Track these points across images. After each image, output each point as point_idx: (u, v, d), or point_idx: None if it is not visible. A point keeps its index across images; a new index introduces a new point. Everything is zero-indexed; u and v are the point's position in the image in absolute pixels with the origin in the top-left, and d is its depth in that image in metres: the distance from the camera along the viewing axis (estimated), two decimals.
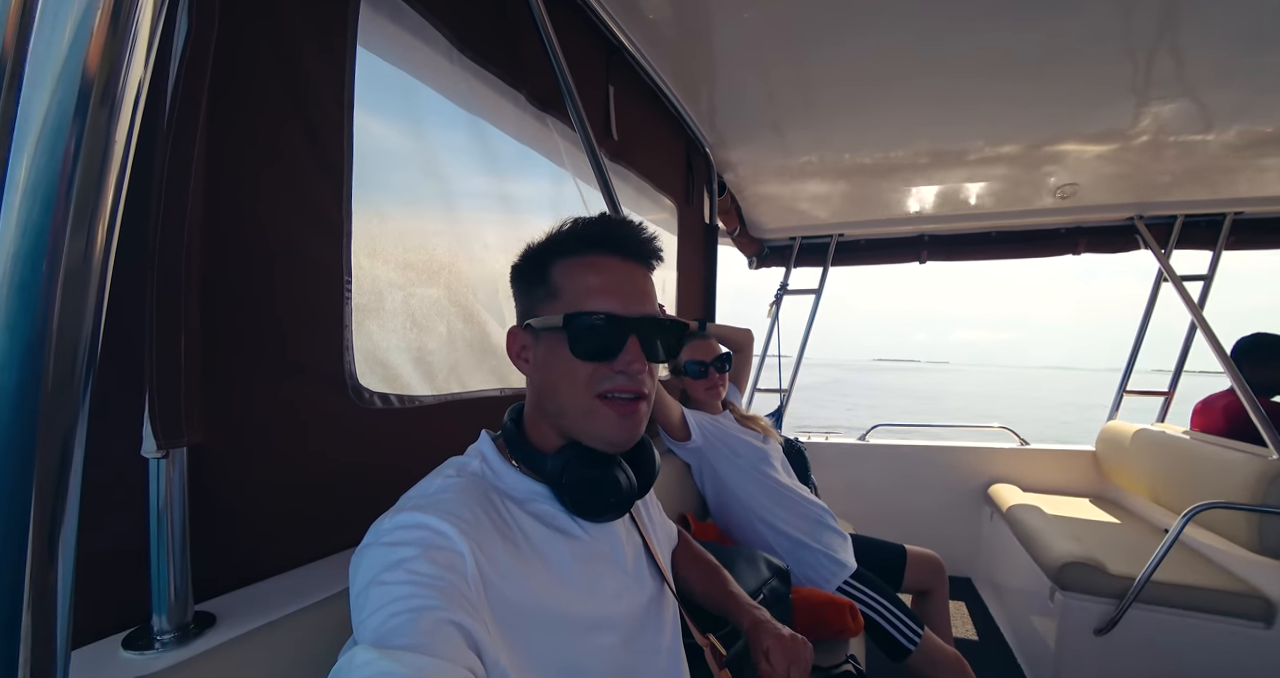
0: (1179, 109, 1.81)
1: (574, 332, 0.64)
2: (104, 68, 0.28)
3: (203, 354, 0.61)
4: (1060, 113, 1.90)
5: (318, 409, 0.77)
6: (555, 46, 1.18)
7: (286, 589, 0.68)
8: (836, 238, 3.27)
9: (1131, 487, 2.65)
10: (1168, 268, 2.64)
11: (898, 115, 1.97)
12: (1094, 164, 2.26)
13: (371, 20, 0.87)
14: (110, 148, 0.29)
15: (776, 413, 3.08)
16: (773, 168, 2.51)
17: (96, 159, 0.28)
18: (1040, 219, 2.86)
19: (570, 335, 0.64)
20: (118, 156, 0.29)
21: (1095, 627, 1.81)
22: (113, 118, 0.29)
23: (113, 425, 0.56)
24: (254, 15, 0.69)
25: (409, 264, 0.96)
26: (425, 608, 0.48)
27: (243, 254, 0.69)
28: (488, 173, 1.19)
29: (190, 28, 0.58)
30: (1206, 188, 2.43)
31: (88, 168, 0.28)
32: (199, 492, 0.61)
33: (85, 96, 0.27)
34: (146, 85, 0.31)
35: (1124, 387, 2.96)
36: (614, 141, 1.61)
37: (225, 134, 0.66)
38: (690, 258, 2.31)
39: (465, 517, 0.57)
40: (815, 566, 1.54)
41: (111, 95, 0.29)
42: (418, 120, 1.01)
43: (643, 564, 0.76)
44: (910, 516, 3.05)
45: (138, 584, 0.57)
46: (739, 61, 1.69)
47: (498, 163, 1.22)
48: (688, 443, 1.63)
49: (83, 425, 0.31)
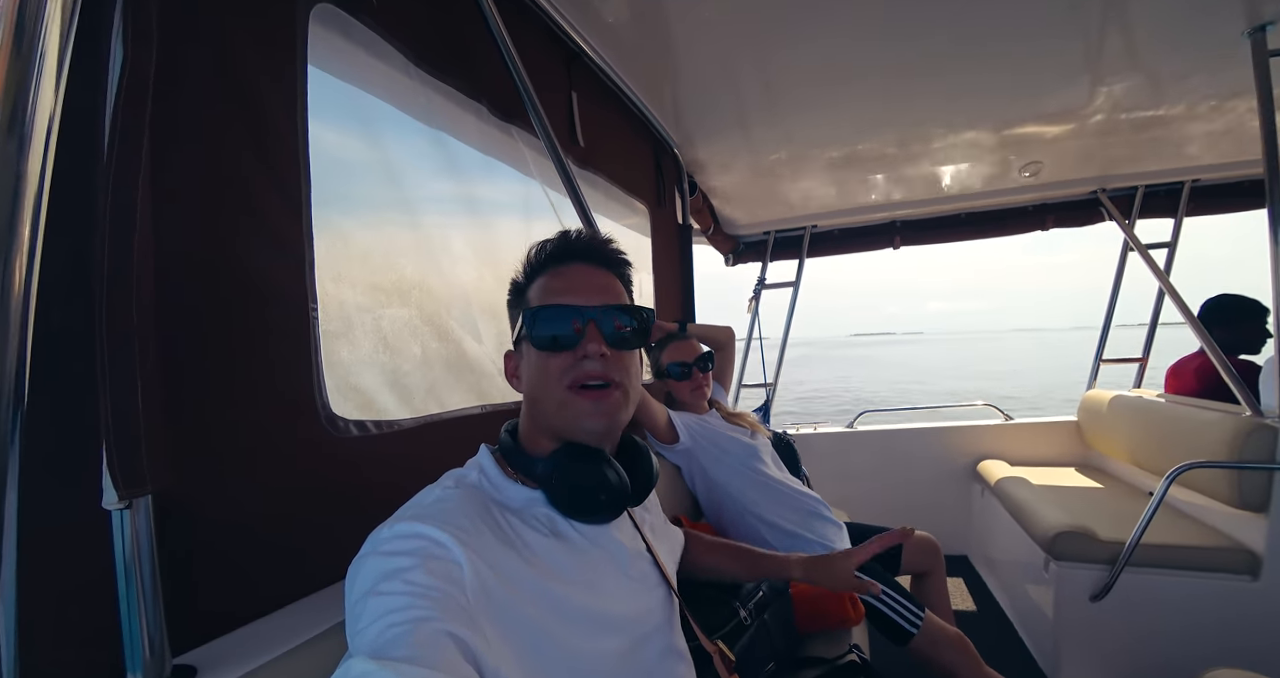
0: (1131, 85, 1.87)
1: (534, 327, 0.68)
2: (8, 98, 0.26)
3: (164, 395, 0.59)
4: (1019, 96, 1.95)
5: (291, 443, 0.75)
6: (514, 56, 1.16)
7: (270, 633, 0.65)
8: (810, 230, 3.30)
9: (1114, 453, 2.71)
10: (1132, 237, 2.71)
11: (861, 107, 1.99)
12: (1055, 142, 2.31)
13: (322, 38, 0.85)
14: (22, 181, 0.27)
15: (763, 407, 3.09)
16: (742, 165, 2.52)
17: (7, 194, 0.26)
18: (1008, 198, 2.92)
19: (531, 332, 0.69)
20: (31, 191, 0.28)
21: (1090, 593, 1.85)
22: (23, 150, 0.27)
23: (72, 478, 0.54)
24: (194, 38, 0.67)
25: (376, 286, 0.94)
26: (422, 620, 0.48)
27: (201, 289, 0.66)
28: (454, 187, 1.18)
29: (126, 55, 0.55)
30: (1164, 158, 2.50)
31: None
32: (168, 539, 0.58)
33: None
34: (58, 116, 0.29)
35: (1100, 356, 3.02)
36: (580, 148, 1.60)
37: (173, 163, 0.63)
38: (666, 259, 2.31)
39: (463, 526, 0.57)
40: None
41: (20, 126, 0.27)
42: (377, 138, 0.99)
43: (646, 569, 0.76)
44: (903, 499, 3.08)
45: (113, 642, 0.54)
46: (701, 61, 1.69)
47: (463, 176, 1.20)
48: (676, 446, 1.62)
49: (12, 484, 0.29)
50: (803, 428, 3.35)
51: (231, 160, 0.70)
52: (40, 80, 0.28)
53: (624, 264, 0.76)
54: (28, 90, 0.27)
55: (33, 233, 0.28)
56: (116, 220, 0.53)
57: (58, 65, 0.29)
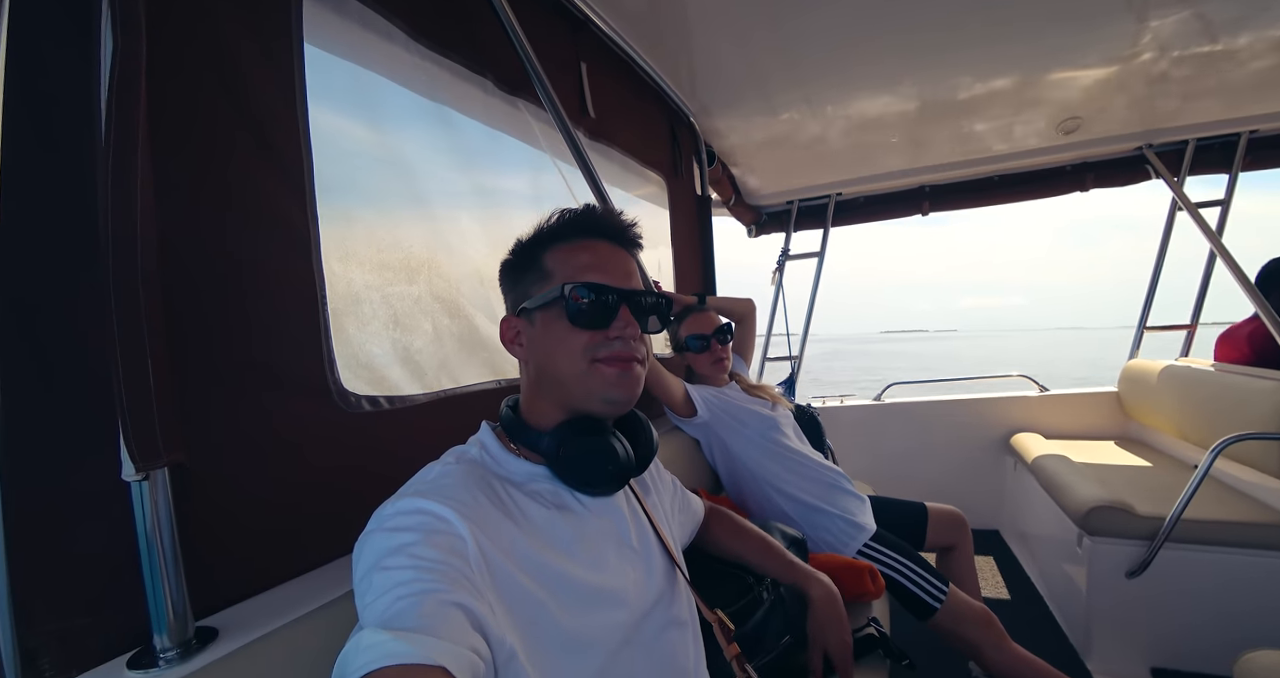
0: (1180, 22, 1.70)
1: (571, 302, 0.67)
2: None
3: (176, 372, 0.61)
4: (1053, 41, 1.81)
5: (303, 418, 0.77)
6: (516, 27, 1.14)
7: (288, 599, 0.68)
8: (835, 198, 3.20)
9: (1158, 425, 2.59)
10: (1182, 196, 2.54)
11: (881, 62, 1.89)
12: (1095, 94, 2.16)
13: (318, 15, 0.85)
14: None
15: (789, 380, 3.06)
16: (761, 132, 2.44)
17: None
18: (1044, 158, 2.76)
19: (568, 306, 0.67)
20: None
21: (1127, 570, 1.79)
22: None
23: (96, 450, 0.56)
24: (188, 20, 0.67)
25: (384, 264, 0.95)
26: (428, 591, 0.49)
27: (209, 270, 0.68)
28: (460, 163, 1.17)
29: (116, 44, 0.56)
30: (1218, 108, 2.32)
31: None
32: (187, 508, 0.61)
33: None
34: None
35: (1144, 323, 2.88)
36: (592, 120, 1.57)
37: (172, 146, 0.64)
38: (684, 231, 2.27)
39: (465, 500, 0.58)
40: (833, 530, 1.53)
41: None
42: (380, 116, 0.99)
43: (648, 540, 0.76)
44: (932, 473, 3.03)
45: (138, 606, 0.58)
46: (714, 24, 1.63)
47: (470, 152, 1.20)
48: (694, 419, 1.62)
49: None
50: (829, 401, 3.31)
51: (230, 142, 0.71)
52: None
53: (639, 248, 0.77)
54: None
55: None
56: (118, 201, 0.55)
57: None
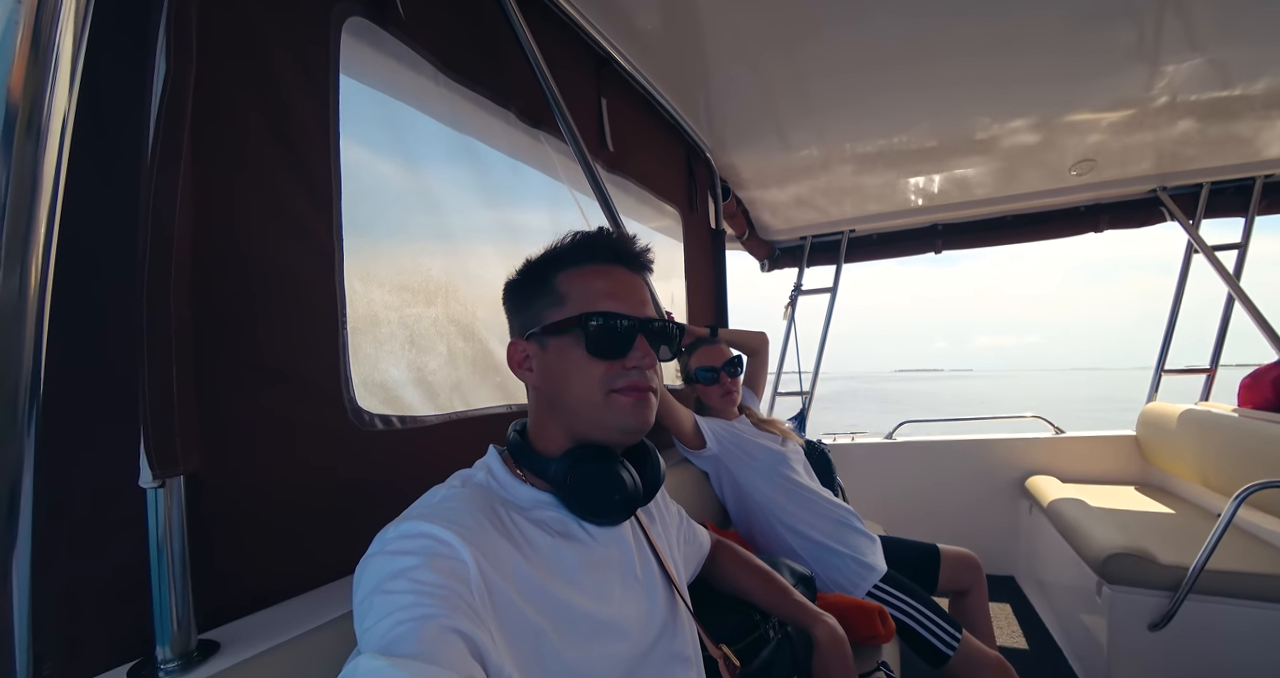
0: (1193, 70, 1.74)
1: (589, 331, 0.66)
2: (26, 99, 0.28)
3: (197, 383, 0.62)
4: (1068, 85, 1.84)
5: (317, 434, 0.78)
6: (541, 63, 1.19)
7: (291, 614, 0.68)
8: (848, 234, 3.23)
9: (1178, 471, 2.53)
10: (1197, 239, 2.54)
11: (898, 100, 1.93)
12: (1109, 136, 2.19)
13: (354, 48, 0.89)
14: (39, 181, 0.29)
15: (799, 416, 3.03)
16: (776, 168, 2.49)
17: (25, 192, 0.29)
18: (1058, 199, 2.78)
19: (586, 335, 0.66)
20: (47, 190, 0.30)
21: (1149, 622, 1.72)
22: (39, 149, 0.29)
23: (110, 457, 0.57)
24: (234, 48, 0.71)
25: (404, 286, 0.97)
26: (428, 617, 0.48)
27: (234, 284, 0.70)
28: (481, 191, 1.21)
29: (169, 68, 0.59)
30: (1232, 152, 2.33)
31: (16, 202, 0.28)
32: (199, 520, 0.62)
33: (9, 128, 0.28)
34: (73, 117, 0.31)
35: (1161, 366, 2.83)
36: (610, 153, 1.62)
37: (212, 166, 0.67)
38: (698, 264, 2.30)
39: (468, 524, 0.58)
40: (842, 570, 1.50)
41: (36, 127, 0.29)
42: (407, 143, 1.03)
43: (652, 572, 0.75)
44: (944, 514, 2.95)
45: (142, 615, 0.58)
46: (732, 64, 1.69)
47: (491, 181, 1.23)
48: (703, 451, 1.61)
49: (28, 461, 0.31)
50: (839, 438, 3.26)
51: (266, 165, 0.74)
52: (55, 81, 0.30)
53: (650, 272, 0.76)
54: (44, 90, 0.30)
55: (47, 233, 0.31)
56: (158, 220, 0.57)
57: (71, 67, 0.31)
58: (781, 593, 0.98)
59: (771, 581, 0.99)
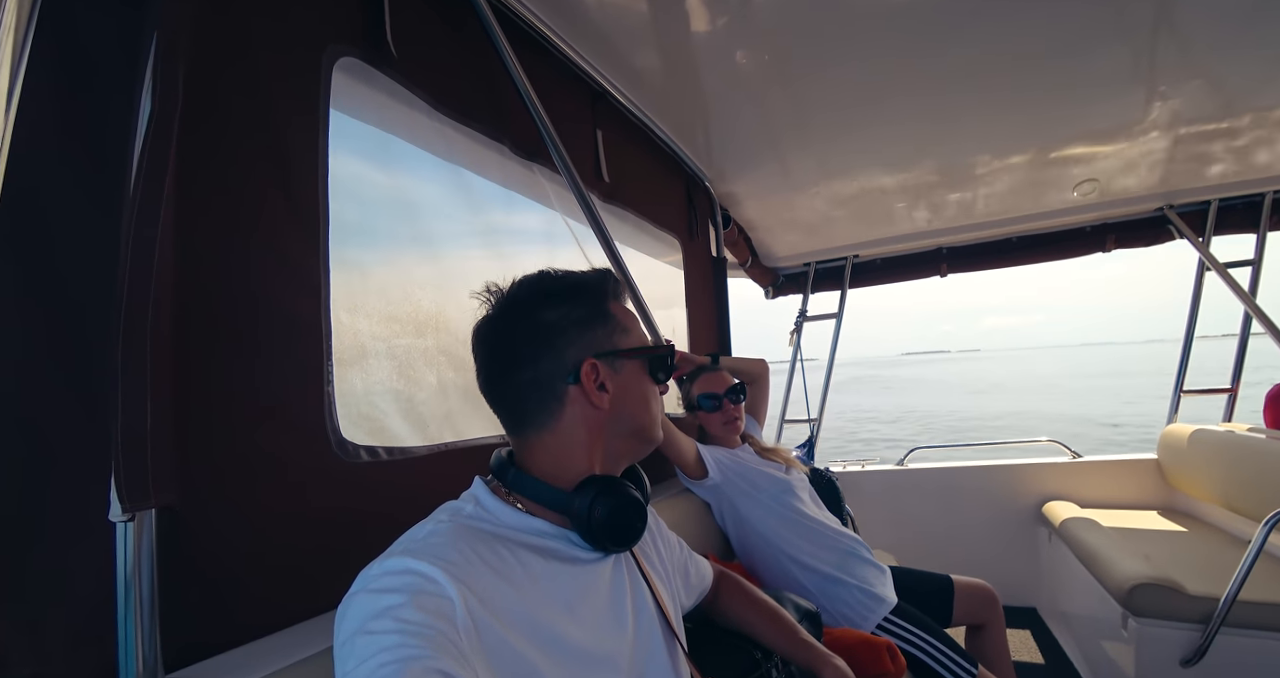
0: (1193, 91, 1.74)
1: (657, 362, 0.75)
2: None
3: (175, 414, 0.62)
4: (1067, 113, 1.86)
5: (300, 466, 0.77)
6: (534, 99, 1.21)
7: (264, 655, 0.66)
8: (851, 260, 3.23)
9: (1202, 495, 2.43)
10: (1209, 256, 2.50)
11: (898, 133, 1.96)
12: (1112, 159, 2.18)
13: (345, 85, 0.91)
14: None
15: (807, 443, 2.98)
16: (778, 197, 2.51)
17: None
18: (1064, 219, 2.76)
19: (654, 364, 0.75)
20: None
21: (1181, 658, 1.63)
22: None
23: (78, 490, 0.57)
24: (225, 84, 0.73)
25: (392, 317, 0.98)
26: (413, 658, 0.46)
27: (219, 315, 0.71)
28: (474, 221, 1.22)
29: (153, 108, 0.61)
30: (1237, 169, 2.31)
31: None
32: (171, 554, 0.61)
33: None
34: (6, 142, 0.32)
35: (1180, 387, 2.76)
36: (606, 183, 1.63)
37: (200, 199, 0.69)
38: (699, 292, 2.30)
39: (455, 560, 0.56)
40: (850, 603, 1.44)
41: None
42: (397, 175, 1.05)
43: (645, 603, 0.73)
44: (960, 543, 2.85)
45: (108, 653, 0.56)
46: (730, 96, 1.71)
47: (484, 212, 1.25)
48: (705, 480, 1.58)
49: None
50: (849, 465, 3.19)
51: (253, 196, 0.76)
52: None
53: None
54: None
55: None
56: (138, 250, 0.58)
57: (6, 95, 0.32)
58: (788, 632, 0.95)
59: (778, 619, 0.97)
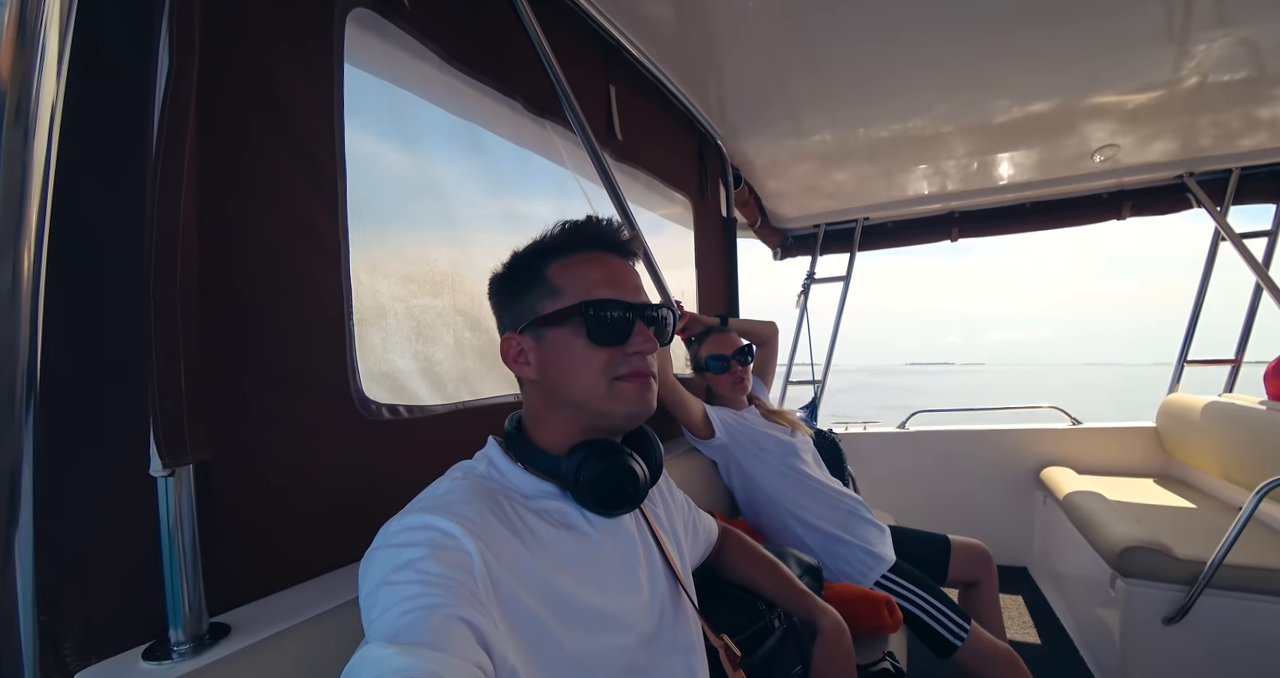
0: (1224, 49, 1.67)
1: (590, 320, 0.66)
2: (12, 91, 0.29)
3: (206, 374, 0.63)
4: (1092, 67, 1.78)
5: (324, 423, 0.79)
6: (548, 52, 1.17)
7: (300, 600, 0.69)
8: (862, 222, 3.18)
9: (1199, 463, 2.48)
10: (1225, 226, 2.46)
11: (913, 81, 1.88)
12: (1135, 121, 2.12)
13: (358, 37, 0.89)
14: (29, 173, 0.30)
15: (811, 404, 3.02)
16: (789, 155, 2.46)
17: (15, 184, 0.29)
18: (1079, 185, 2.71)
19: (587, 324, 0.66)
20: (37, 181, 0.30)
21: (1164, 616, 1.70)
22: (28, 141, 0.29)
23: (120, 446, 0.59)
24: (238, 42, 0.71)
25: (410, 277, 0.98)
26: (435, 606, 0.48)
27: (241, 275, 0.71)
28: (487, 181, 1.20)
29: (171, 63, 0.60)
30: (1264, 136, 2.25)
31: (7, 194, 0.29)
32: (209, 507, 0.63)
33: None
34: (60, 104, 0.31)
35: (1184, 356, 2.77)
36: (619, 141, 1.60)
37: (217, 160, 0.68)
38: (709, 253, 2.28)
39: (472, 517, 0.58)
40: (850, 560, 1.49)
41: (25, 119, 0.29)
42: (412, 133, 1.03)
43: (655, 562, 0.75)
44: (957, 505, 2.93)
45: (156, 599, 0.59)
46: (743, 49, 1.66)
47: (497, 170, 1.23)
48: (712, 440, 1.61)
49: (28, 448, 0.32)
50: (851, 427, 3.24)
51: (271, 155, 0.75)
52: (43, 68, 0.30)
53: (636, 257, 0.76)
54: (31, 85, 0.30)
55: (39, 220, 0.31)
56: (163, 213, 0.58)
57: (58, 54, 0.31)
58: (787, 584, 0.98)
59: (777, 572, 1.00)
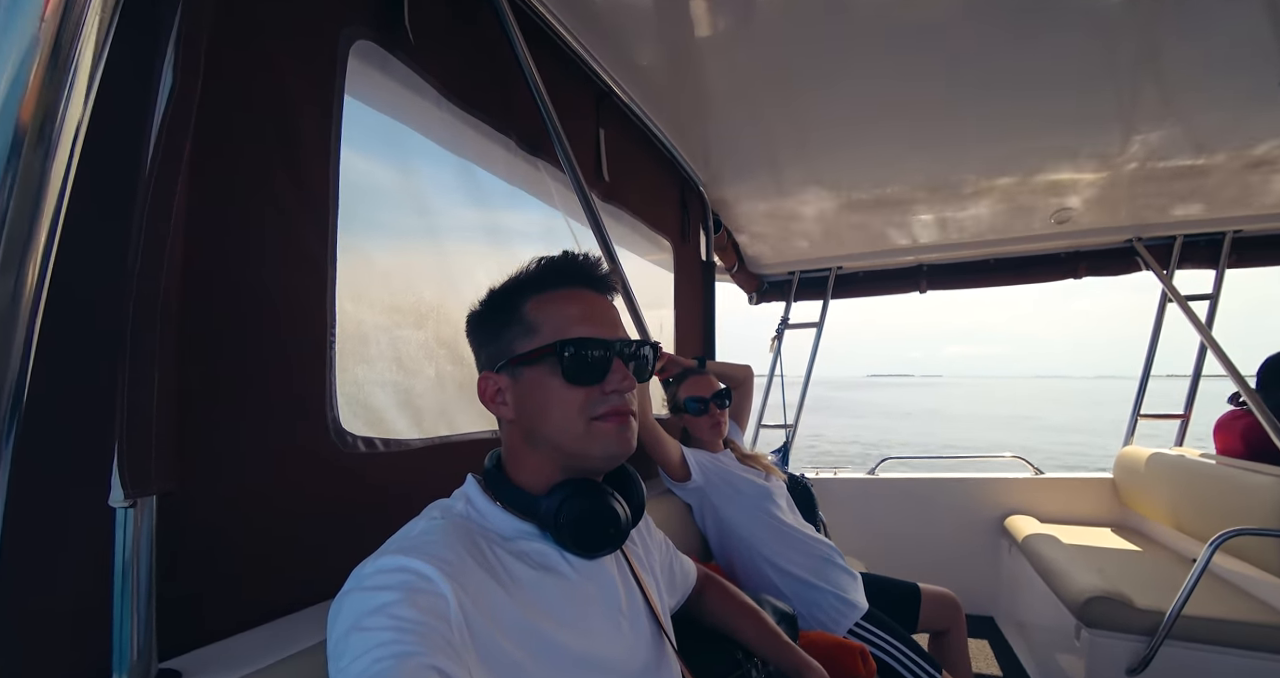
0: (1167, 134, 1.84)
1: (565, 359, 0.65)
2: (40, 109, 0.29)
3: (178, 400, 0.61)
4: (1050, 143, 1.94)
5: (298, 455, 0.76)
6: (543, 93, 1.21)
7: (259, 645, 0.65)
8: (835, 271, 3.29)
9: (1153, 514, 2.56)
10: (1171, 288, 2.63)
11: (892, 152, 2.01)
12: (1088, 189, 2.29)
13: (360, 69, 0.90)
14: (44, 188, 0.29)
15: (783, 449, 3.03)
16: (768, 204, 2.55)
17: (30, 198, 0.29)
18: (1039, 245, 2.87)
19: (563, 364, 0.65)
20: (52, 197, 0.30)
21: (1127, 666, 1.72)
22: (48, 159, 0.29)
23: (78, 475, 0.55)
24: (241, 66, 0.72)
25: (395, 307, 0.97)
26: (407, 654, 0.46)
27: (223, 300, 0.69)
28: (478, 215, 1.22)
29: (174, 84, 0.60)
30: (1203, 207, 2.44)
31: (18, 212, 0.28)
32: (168, 542, 0.60)
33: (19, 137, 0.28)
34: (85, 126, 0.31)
35: (1138, 410, 2.89)
36: (606, 183, 1.64)
37: (211, 182, 0.67)
38: (688, 296, 2.32)
39: (449, 558, 0.56)
40: (824, 607, 1.48)
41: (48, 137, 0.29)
42: (406, 165, 1.04)
43: (637, 604, 0.73)
44: (925, 552, 2.94)
45: (103, 641, 0.55)
46: (731, 103, 1.74)
47: (488, 205, 1.25)
48: (688, 483, 1.60)
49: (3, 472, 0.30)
50: (822, 472, 3.26)
51: (264, 180, 0.74)
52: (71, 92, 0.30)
53: (616, 293, 0.76)
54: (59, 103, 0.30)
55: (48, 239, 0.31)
56: (150, 234, 0.57)
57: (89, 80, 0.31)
58: (770, 635, 0.96)
59: (762, 622, 0.98)
